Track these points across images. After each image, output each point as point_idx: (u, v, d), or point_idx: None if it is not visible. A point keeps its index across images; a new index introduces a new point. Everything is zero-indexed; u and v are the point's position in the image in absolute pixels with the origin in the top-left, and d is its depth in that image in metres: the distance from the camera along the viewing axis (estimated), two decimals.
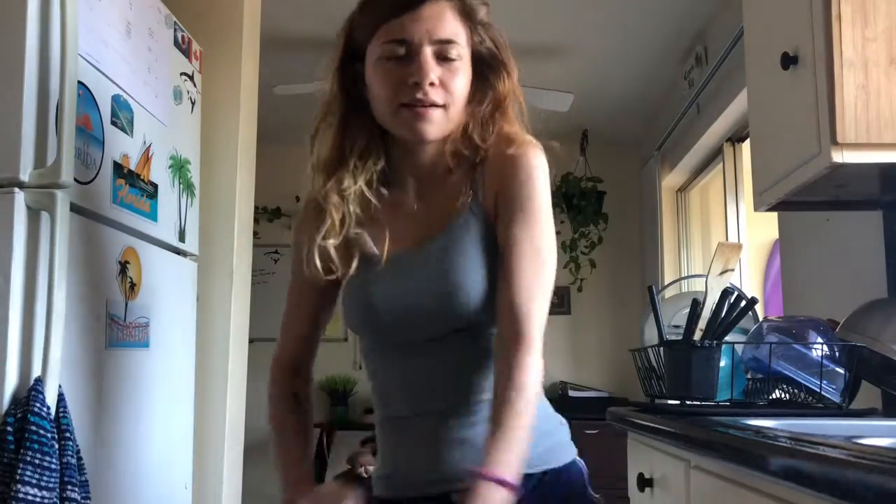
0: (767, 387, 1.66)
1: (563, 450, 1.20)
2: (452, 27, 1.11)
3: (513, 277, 1.08)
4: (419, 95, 1.08)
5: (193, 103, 2.16)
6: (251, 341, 2.57)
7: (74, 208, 1.49)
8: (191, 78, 2.15)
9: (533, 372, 1.05)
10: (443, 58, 1.10)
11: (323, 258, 1.14)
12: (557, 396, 4.78)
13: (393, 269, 1.14)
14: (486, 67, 1.16)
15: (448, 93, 1.10)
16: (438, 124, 1.11)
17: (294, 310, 1.28)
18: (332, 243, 1.14)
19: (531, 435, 1.05)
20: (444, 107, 1.10)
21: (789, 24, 1.57)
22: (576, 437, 1.27)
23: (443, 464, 1.11)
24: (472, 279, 1.10)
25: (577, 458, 1.23)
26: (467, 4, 1.13)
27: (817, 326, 1.60)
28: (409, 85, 1.08)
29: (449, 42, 1.10)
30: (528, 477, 1.06)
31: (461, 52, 1.11)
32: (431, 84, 1.08)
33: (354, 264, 1.15)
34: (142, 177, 1.81)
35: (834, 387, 1.53)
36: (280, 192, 4.81)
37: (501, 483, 0.98)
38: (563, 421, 1.24)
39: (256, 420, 2.30)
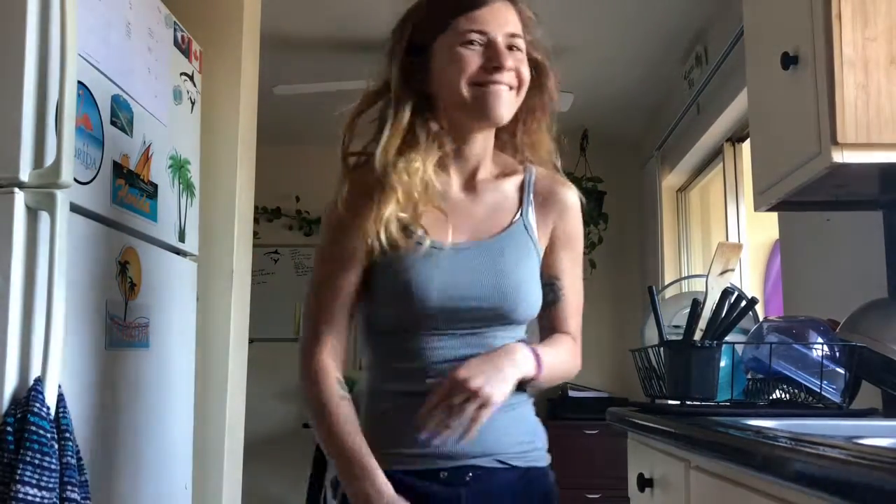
0: (767, 387, 1.65)
1: (545, 454, 1.30)
2: (517, 23, 1.24)
3: (569, 302, 1.33)
4: (496, 76, 1.19)
5: (193, 103, 2.16)
6: (251, 341, 2.57)
7: (74, 208, 1.49)
8: (191, 78, 2.15)
9: (578, 362, 1.33)
10: (512, 49, 1.22)
11: (387, 231, 1.18)
12: (557, 396, 4.78)
13: (451, 258, 1.20)
14: (534, 69, 1.27)
15: (519, 78, 1.22)
16: (509, 105, 1.22)
17: (334, 294, 1.22)
18: (400, 216, 1.18)
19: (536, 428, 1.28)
20: (515, 90, 1.23)
21: (789, 24, 1.57)
22: (576, 437, 1.30)
23: (484, 440, 1.17)
24: (527, 283, 1.25)
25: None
26: (522, 9, 1.27)
27: (817, 326, 1.60)
28: (489, 68, 1.19)
29: (516, 35, 1.23)
30: (514, 469, 1.21)
31: (524, 48, 1.24)
32: (508, 68, 1.20)
33: (412, 244, 1.19)
34: (141, 177, 1.81)
35: (834, 387, 1.53)
36: (280, 192, 4.82)
37: (536, 356, 1.19)
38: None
39: (256, 420, 2.31)
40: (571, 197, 1.33)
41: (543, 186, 1.32)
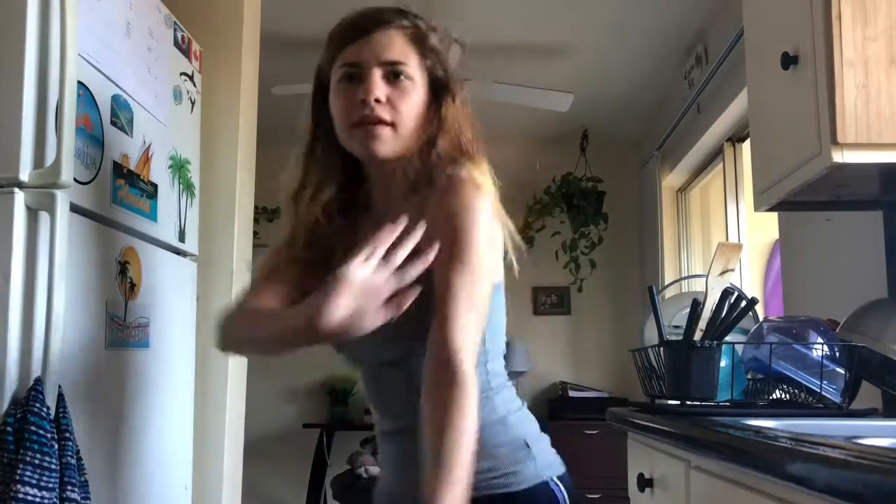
0: (767, 387, 1.65)
1: (512, 479, 1.15)
2: (401, 50, 1.18)
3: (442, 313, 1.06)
4: (366, 112, 1.15)
5: (193, 103, 2.16)
6: None
7: (74, 208, 1.49)
8: (191, 78, 2.14)
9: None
10: (391, 78, 1.17)
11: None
12: (558, 396, 4.78)
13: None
14: (439, 91, 1.22)
15: (395, 110, 1.17)
16: (387, 142, 1.17)
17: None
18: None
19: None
20: (392, 125, 1.16)
21: (789, 24, 1.57)
22: (576, 437, 1.28)
23: (399, 485, 1.18)
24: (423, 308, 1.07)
25: (553, 479, 1.18)
26: (419, 30, 1.20)
27: (817, 326, 1.60)
28: (359, 103, 1.15)
29: (396, 63, 1.17)
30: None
31: (410, 74, 1.18)
32: (377, 101, 1.15)
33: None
34: (141, 177, 1.81)
35: (834, 387, 1.53)
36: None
37: None
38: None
39: (256, 420, 2.31)
40: (438, 192, 1.16)
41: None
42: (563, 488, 1.18)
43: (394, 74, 1.17)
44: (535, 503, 1.15)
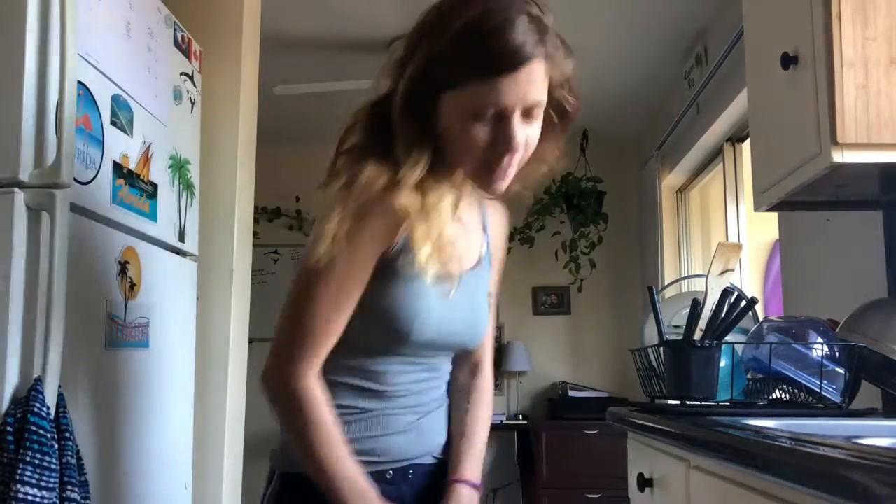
0: (767, 387, 1.65)
1: None
2: (542, 88, 1.08)
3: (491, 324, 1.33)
4: (503, 162, 1.09)
5: (193, 103, 2.16)
6: (251, 341, 2.57)
7: (74, 208, 1.49)
8: (191, 78, 2.15)
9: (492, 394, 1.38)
10: (528, 116, 1.09)
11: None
12: (558, 396, 4.78)
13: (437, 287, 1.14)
14: (557, 114, 1.16)
15: (527, 153, 1.12)
16: (511, 177, 1.13)
17: (340, 310, 1.13)
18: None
19: None
20: (521, 158, 1.12)
21: (789, 24, 1.57)
22: (576, 437, 1.30)
23: (427, 442, 1.25)
24: (486, 319, 1.29)
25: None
26: (557, 62, 1.11)
27: (817, 326, 1.60)
28: (497, 149, 1.08)
29: (537, 105, 1.09)
30: (441, 462, 1.27)
31: (543, 105, 1.11)
32: (517, 147, 1.08)
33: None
34: (141, 177, 1.81)
35: (834, 387, 1.53)
36: (280, 192, 4.81)
37: (476, 488, 1.24)
38: None
39: (256, 420, 2.31)
40: (505, 216, 1.35)
41: (491, 209, 1.32)
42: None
43: (531, 114, 1.09)
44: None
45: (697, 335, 1.56)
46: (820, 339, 1.56)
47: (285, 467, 1.20)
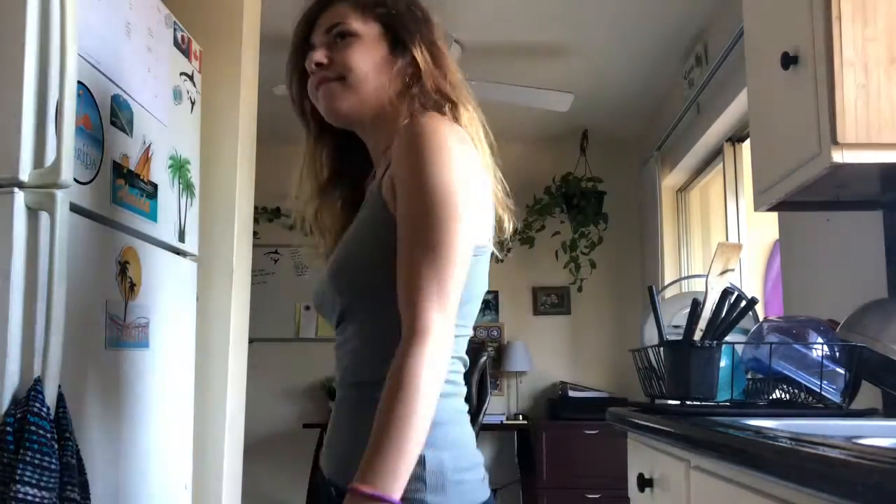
0: (767, 387, 1.65)
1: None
2: (337, 14, 1.19)
3: (401, 270, 0.98)
4: (312, 78, 1.19)
5: (193, 103, 2.16)
6: (251, 341, 2.57)
7: (74, 208, 1.49)
8: (190, 78, 2.14)
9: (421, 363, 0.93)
10: (334, 41, 1.18)
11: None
12: (558, 396, 4.79)
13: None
14: (398, 38, 1.19)
15: (338, 64, 1.16)
16: (338, 95, 1.16)
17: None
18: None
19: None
20: (339, 78, 1.16)
21: (789, 24, 1.57)
22: (576, 437, 1.27)
23: (332, 446, 1.15)
24: (349, 266, 1.08)
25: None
26: None
27: (817, 326, 1.60)
28: (310, 74, 1.20)
29: (332, 26, 1.19)
30: None
31: (350, 30, 1.17)
32: (318, 64, 1.17)
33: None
34: (141, 177, 1.81)
35: (834, 387, 1.53)
36: (280, 192, 4.79)
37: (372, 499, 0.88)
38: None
39: (256, 420, 2.31)
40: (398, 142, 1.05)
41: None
42: None
43: (335, 37, 1.18)
44: None
45: (697, 335, 1.56)
46: (820, 339, 1.56)
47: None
